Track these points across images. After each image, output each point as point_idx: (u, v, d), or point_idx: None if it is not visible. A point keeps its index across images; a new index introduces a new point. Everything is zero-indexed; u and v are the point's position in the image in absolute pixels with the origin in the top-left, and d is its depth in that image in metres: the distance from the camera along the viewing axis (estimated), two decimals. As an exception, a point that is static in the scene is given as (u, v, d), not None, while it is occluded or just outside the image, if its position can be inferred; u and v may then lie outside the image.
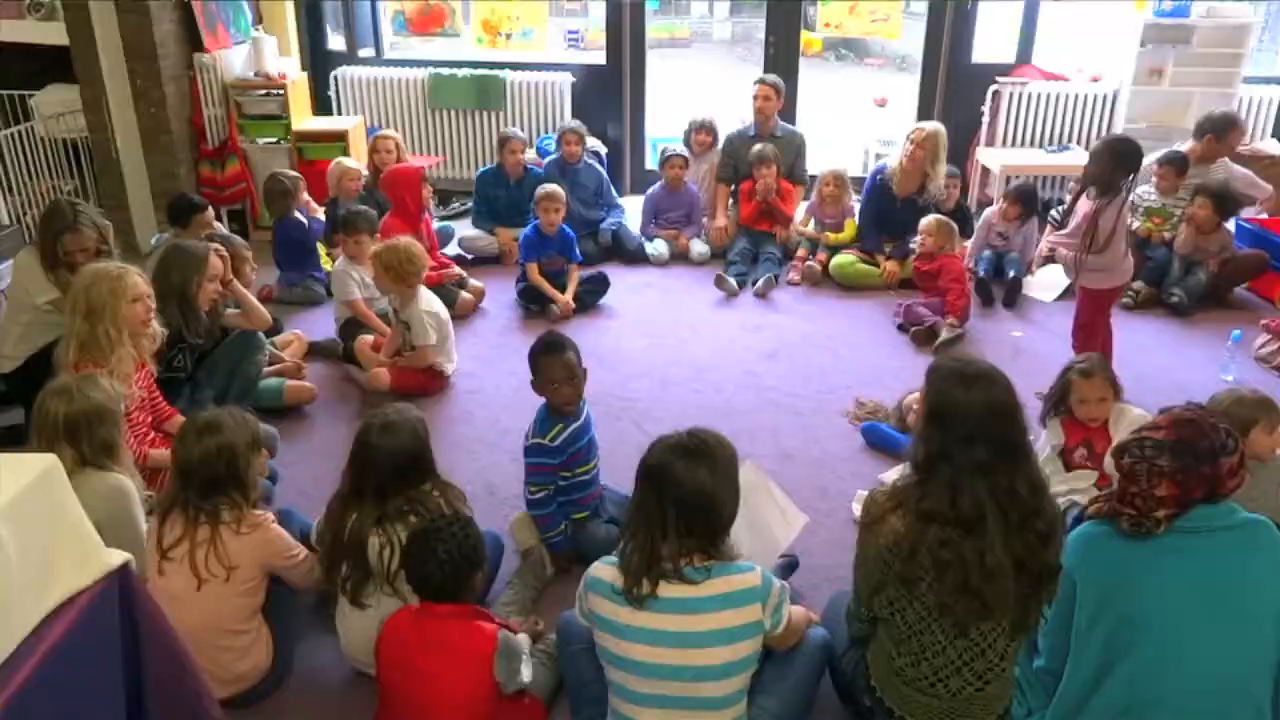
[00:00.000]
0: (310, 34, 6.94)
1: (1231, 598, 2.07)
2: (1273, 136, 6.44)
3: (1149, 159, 5.45)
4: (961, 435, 2.01)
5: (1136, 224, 5.38)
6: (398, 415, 2.56)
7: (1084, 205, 3.83)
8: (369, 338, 4.30)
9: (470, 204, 6.13)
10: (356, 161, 5.85)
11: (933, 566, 2.01)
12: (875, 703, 2.23)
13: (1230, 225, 5.27)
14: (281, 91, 6.16)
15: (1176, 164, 5.32)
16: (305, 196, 5.36)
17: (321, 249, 5.40)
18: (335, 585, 2.51)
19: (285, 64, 6.39)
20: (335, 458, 2.98)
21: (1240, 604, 2.07)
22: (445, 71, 6.81)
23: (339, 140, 6.28)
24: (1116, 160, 3.72)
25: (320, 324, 4.83)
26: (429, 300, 4.17)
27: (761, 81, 5.93)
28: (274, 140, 6.26)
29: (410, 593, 2.34)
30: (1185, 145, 5.50)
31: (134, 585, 1.82)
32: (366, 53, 7.12)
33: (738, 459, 2.15)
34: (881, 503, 2.13)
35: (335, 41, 7.17)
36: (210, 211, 4.58)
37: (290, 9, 6.71)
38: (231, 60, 6.19)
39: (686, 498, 2.01)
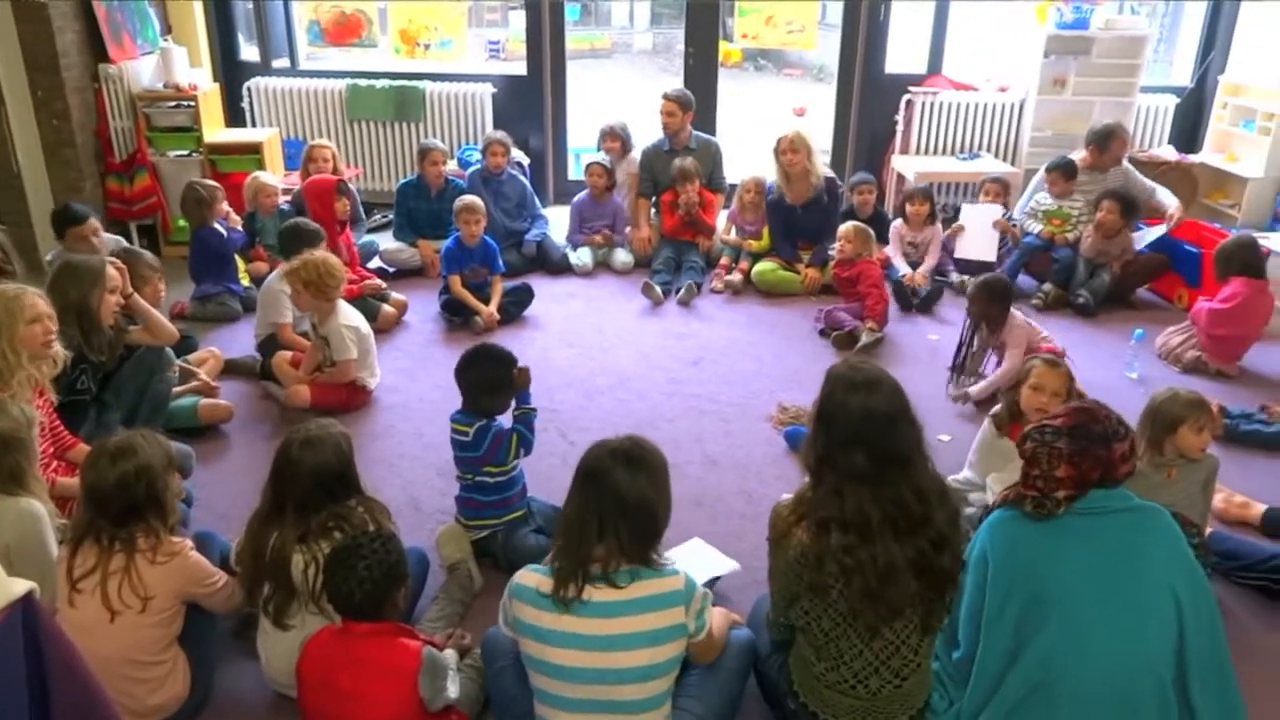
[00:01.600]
0: (222, 44, 6.80)
1: (1130, 576, 2.17)
2: (1169, 143, 6.74)
3: (1043, 166, 5.72)
4: (841, 439, 2.06)
5: (1038, 228, 5.60)
6: (321, 430, 2.52)
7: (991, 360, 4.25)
8: (288, 354, 4.22)
9: (391, 216, 6.06)
10: (273, 176, 5.74)
11: (840, 573, 2.05)
12: (799, 706, 2.26)
13: (1150, 237, 5.51)
14: (192, 103, 6.02)
15: (1064, 169, 5.61)
16: (225, 207, 5.23)
17: (240, 262, 5.28)
18: (257, 607, 2.46)
19: (196, 75, 6.24)
20: (254, 477, 2.92)
21: (1139, 582, 2.18)
22: (363, 82, 6.73)
23: (254, 152, 6.16)
24: (992, 296, 4.14)
25: (237, 340, 4.72)
26: (348, 314, 4.11)
27: (665, 97, 5.96)
28: (185, 153, 6.11)
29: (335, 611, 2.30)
30: (1078, 154, 5.77)
31: (39, 615, 1.75)
32: (281, 63, 7.00)
33: (668, 466, 2.18)
34: (786, 516, 2.17)
35: (248, 52, 7.04)
36: (90, 223, 4.34)
37: (200, 18, 6.56)
38: (139, 71, 6.02)
39: (625, 504, 2.03)
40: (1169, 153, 6.56)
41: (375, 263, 5.73)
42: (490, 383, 3.04)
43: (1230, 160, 6.46)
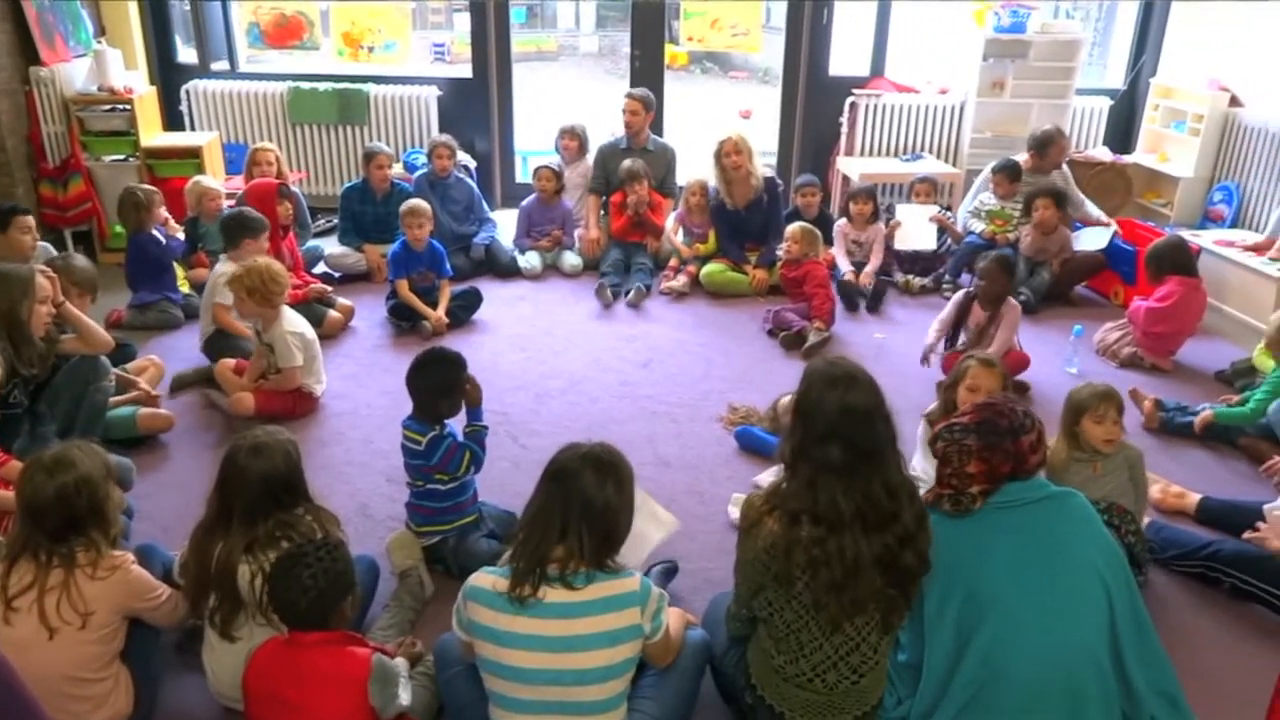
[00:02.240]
0: (158, 46, 6.66)
1: (1058, 563, 2.24)
2: (1104, 144, 6.91)
3: (987, 167, 5.89)
4: (818, 434, 2.08)
5: (981, 227, 5.73)
6: (268, 437, 2.48)
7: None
8: (231, 361, 4.14)
9: (336, 221, 5.98)
10: (215, 180, 5.64)
11: (807, 565, 2.06)
12: (756, 700, 2.27)
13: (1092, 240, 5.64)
14: (128, 106, 5.88)
15: (1009, 171, 5.76)
16: (163, 213, 5.12)
17: (180, 270, 5.17)
18: (202, 619, 2.41)
19: (131, 78, 6.10)
20: (197, 488, 2.85)
21: (1065, 567, 2.25)
22: (305, 85, 6.64)
23: (193, 157, 6.04)
24: (1009, 272, 4.40)
25: (178, 348, 4.63)
26: (293, 320, 4.04)
27: (629, 96, 6.01)
28: (121, 157, 5.96)
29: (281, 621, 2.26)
30: (1020, 156, 5.92)
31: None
32: (220, 66, 6.87)
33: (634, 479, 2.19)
34: (758, 506, 2.18)
35: (186, 54, 6.90)
36: (25, 220, 4.21)
37: (135, 20, 6.42)
38: (72, 74, 5.87)
39: (593, 508, 2.04)
40: (1104, 153, 6.72)
41: (320, 268, 5.65)
42: (443, 386, 3.02)
43: (1162, 160, 6.65)
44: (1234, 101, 6.26)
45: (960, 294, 4.54)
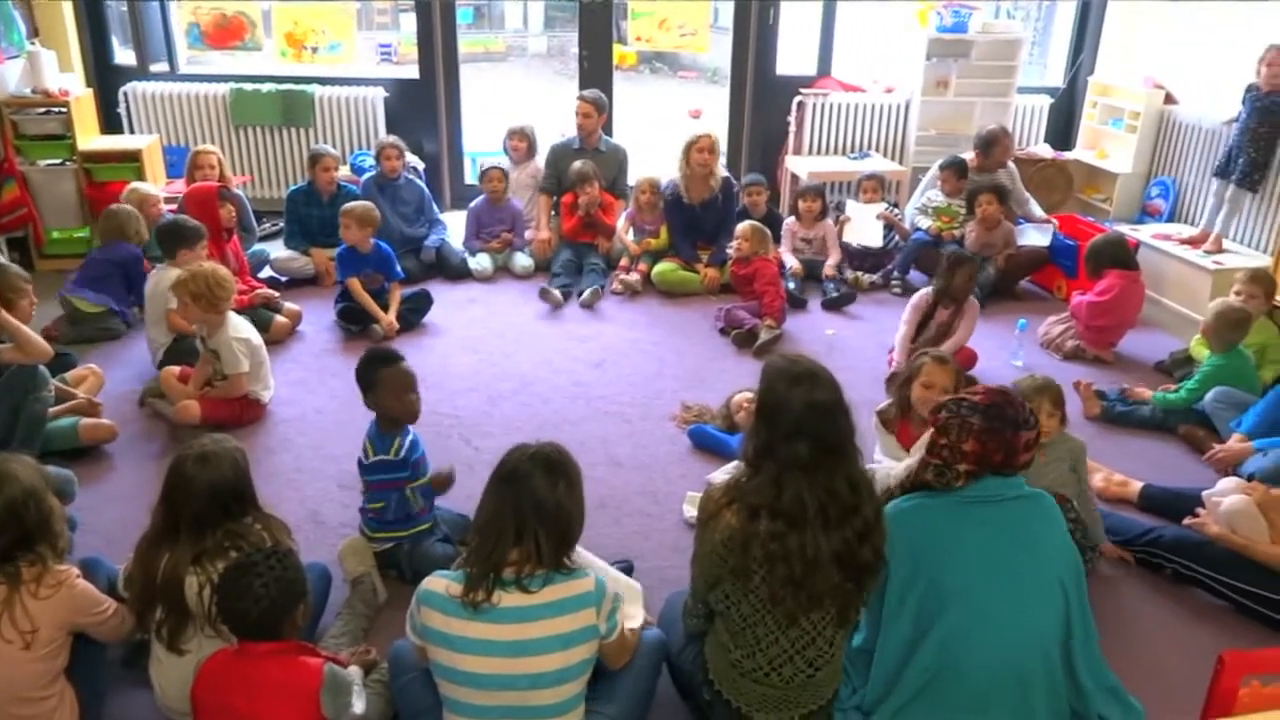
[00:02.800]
0: (94, 47, 6.50)
1: (1023, 562, 2.28)
2: (1045, 141, 7.05)
3: (935, 164, 5.98)
4: (784, 431, 2.09)
5: (928, 224, 5.83)
6: (215, 445, 2.43)
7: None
8: (175, 369, 4.05)
9: (282, 224, 5.89)
10: (154, 186, 5.52)
11: (764, 560, 2.08)
12: (714, 695, 2.29)
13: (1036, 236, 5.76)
14: (64, 109, 5.73)
15: (956, 168, 5.86)
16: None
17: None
18: (149, 632, 2.36)
19: (67, 80, 5.95)
20: (141, 499, 2.81)
21: (1033, 567, 2.29)
22: (248, 87, 6.53)
23: (132, 160, 5.91)
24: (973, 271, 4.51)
25: (118, 357, 4.54)
26: (238, 326, 3.97)
27: (581, 99, 6.01)
28: (58, 162, 5.81)
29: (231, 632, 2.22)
30: (966, 154, 6.03)
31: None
32: (159, 67, 6.72)
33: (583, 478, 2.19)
34: (717, 499, 2.19)
35: (124, 56, 6.73)
36: None
37: (71, 20, 6.26)
38: (4, 76, 5.70)
39: (545, 510, 2.03)
40: (1045, 150, 6.86)
41: (266, 272, 5.56)
42: (363, 382, 2.95)
43: (1101, 157, 6.80)
44: (1169, 99, 6.43)
45: (921, 295, 4.58)
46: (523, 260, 5.87)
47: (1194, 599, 3.04)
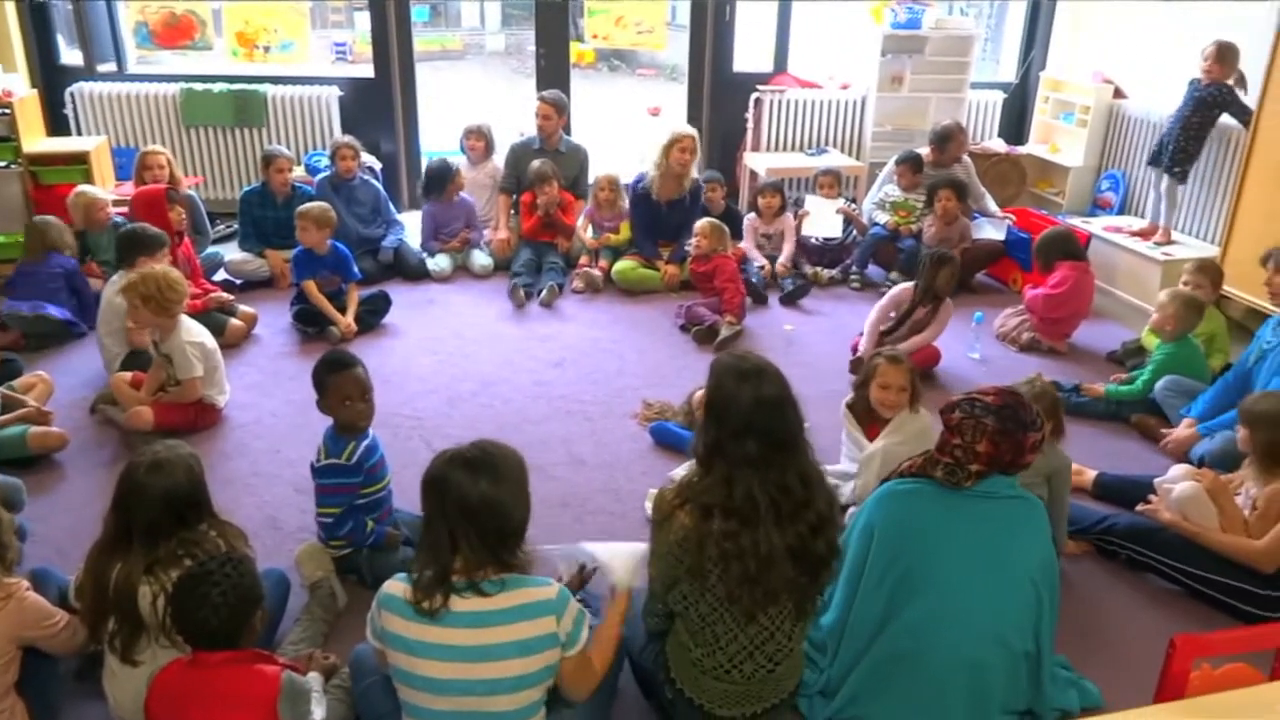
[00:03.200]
0: (39, 47, 6.36)
1: (1006, 559, 2.32)
2: (998, 136, 7.14)
3: (891, 160, 6.04)
4: (734, 428, 2.10)
5: (886, 218, 5.88)
6: (168, 452, 2.39)
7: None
8: (126, 374, 3.98)
9: (236, 226, 5.80)
10: (102, 189, 5.41)
11: (719, 559, 2.08)
12: (676, 694, 2.29)
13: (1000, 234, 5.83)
14: (7, 111, 5.60)
15: (912, 162, 5.94)
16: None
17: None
18: (101, 644, 2.31)
19: (10, 81, 5.81)
20: (93, 508, 2.76)
21: (1010, 565, 2.32)
22: (198, 87, 6.43)
23: (80, 163, 5.79)
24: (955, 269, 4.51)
25: (63, 364, 4.44)
26: (191, 330, 3.90)
27: (541, 100, 5.99)
28: (2, 165, 5.68)
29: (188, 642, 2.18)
30: (923, 149, 6.10)
31: None
32: (107, 68, 6.59)
33: (525, 466, 2.14)
34: (670, 500, 2.19)
35: (70, 56, 6.60)
36: None
37: (14, 20, 6.12)
38: (-56, 77, 5.57)
39: (470, 508, 1.99)
40: (999, 145, 6.95)
41: (221, 275, 5.48)
42: (316, 384, 2.91)
43: (1053, 151, 6.90)
44: (1118, 93, 6.54)
45: (903, 288, 4.60)
46: (481, 259, 5.84)
47: (1148, 584, 3.09)
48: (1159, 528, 3.08)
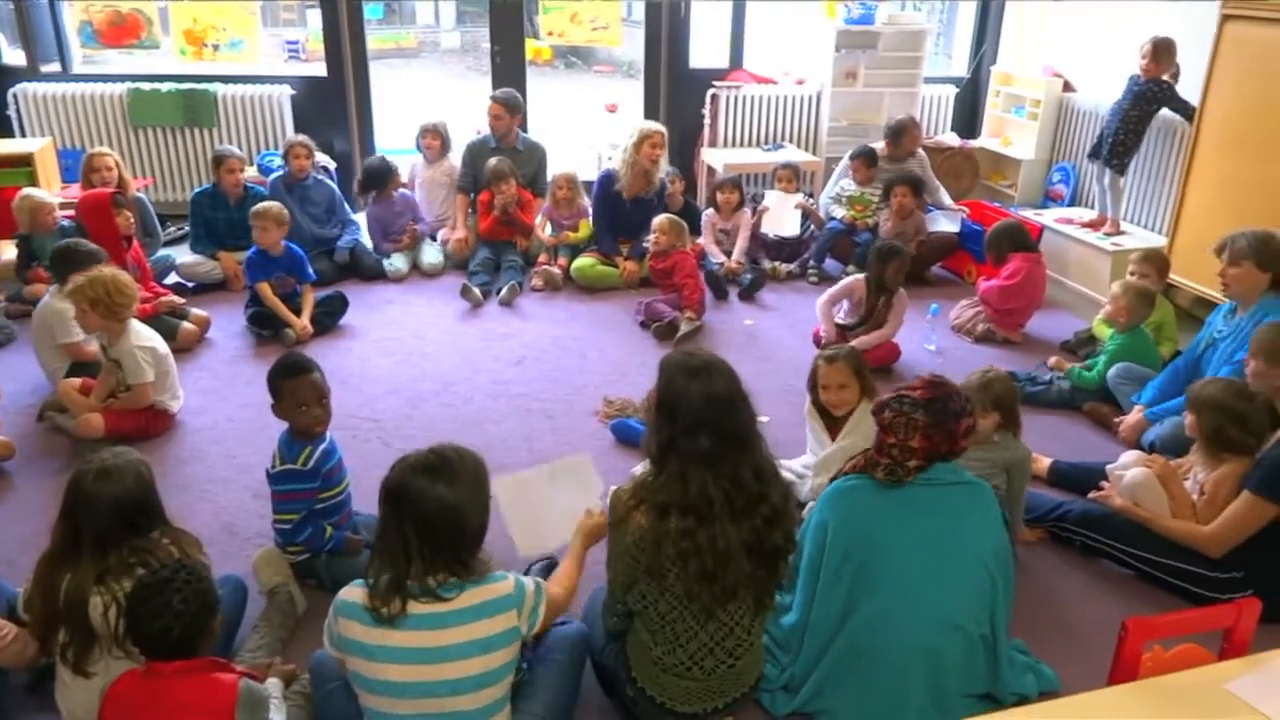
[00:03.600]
0: (-21, 48, 6.21)
1: (956, 545, 2.35)
2: (951, 130, 7.23)
3: (846, 154, 6.09)
4: (686, 425, 2.11)
5: (842, 213, 5.93)
6: (116, 459, 2.34)
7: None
8: (75, 380, 3.89)
9: (187, 228, 5.70)
10: (47, 192, 5.29)
11: (677, 557, 2.09)
12: (637, 692, 2.29)
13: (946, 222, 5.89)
14: (-53, 113, 5.46)
15: (866, 157, 5.99)
16: None
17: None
18: (53, 656, 2.26)
19: (-51, 82, 5.67)
20: (42, 518, 2.70)
21: (963, 551, 2.36)
22: (146, 86, 6.31)
23: (24, 165, 5.67)
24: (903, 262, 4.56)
25: (15, 371, 4.34)
26: (142, 334, 3.83)
27: (492, 99, 5.96)
28: (-57, 168, 5.54)
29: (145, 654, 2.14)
30: (878, 144, 6.15)
31: None
32: (51, 68, 6.46)
33: (486, 471, 2.13)
34: (625, 500, 2.19)
35: (12, 56, 6.45)
36: None
37: (-49, 20, 5.97)
38: (-120, 79, 5.42)
39: (427, 515, 1.97)
40: (952, 139, 7.03)
41: (172, 278, 5.39)
42: (271, 389, 2.88)
43: (1005, 144, 7.00)
44: (1067, 87, 6.65)
45: (855, 279, 4.65)
46: (431, 256, 5.80)
47: (1102, 570, 3.14)
48: (1111, 514, 3.13)
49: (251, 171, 6.00)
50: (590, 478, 2.87)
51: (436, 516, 1.97)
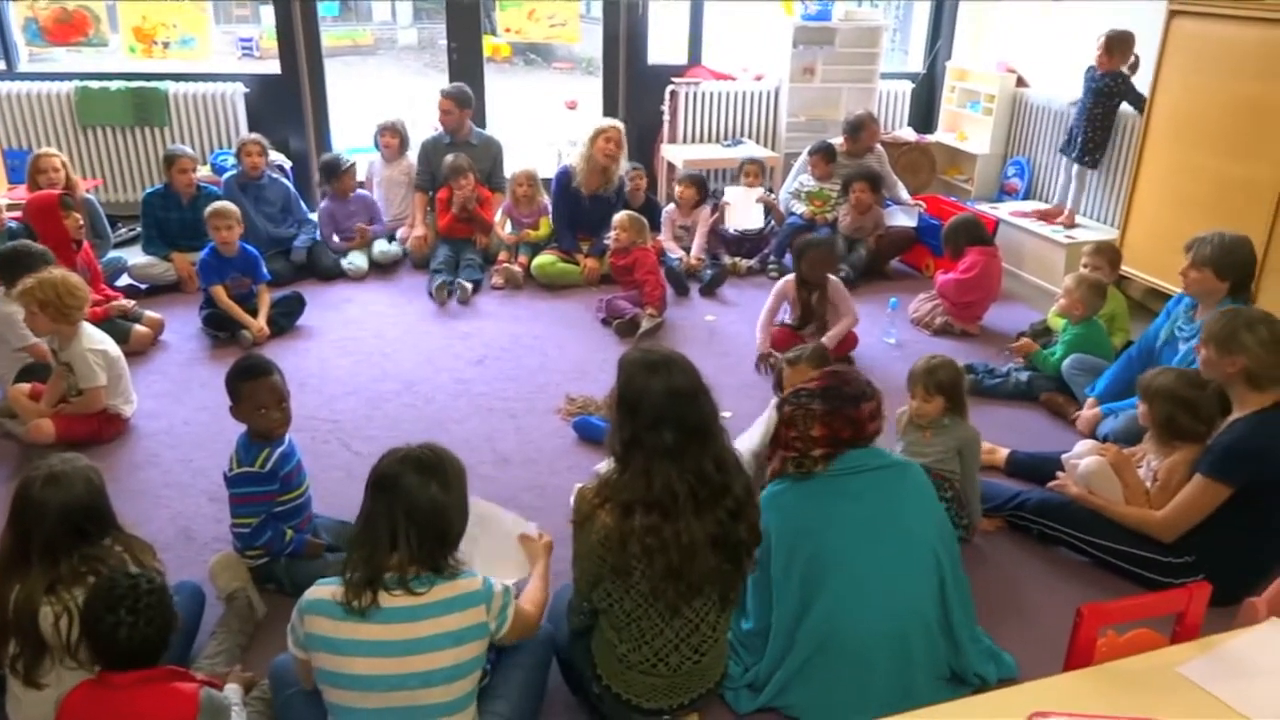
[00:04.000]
0: (-81, 46, 6.05)
1: (896, 528, 2.39)
2: (908, 125, 7.29)
3: (805, 150, 6.13)
4: (648, 421, 2.11)
5: (802, 208, 5.96)
6: (65, 465, 2.29)
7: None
8: (25, 385, 3.81)
9: (139, 229, 5.60)
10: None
11: (642, 554, 2.09)
12: (603, 690, 2.29)
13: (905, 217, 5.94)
14: (-114, 113, 5.31)
15: (825, 152, 6.03)
16: None
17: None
18: (4, 668, 2.21)
19: (-112, 81, 5.52)
20: (-10, 526, 2.62)
21: (904, 533, 2.40)
22: (94, 84, 6.18)
23: (-32, 166, 5.53)
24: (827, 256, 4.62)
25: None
26: (94, 337, 3.76)
27: (442, 94, 5.92)
28: (-118, 169, 5.39)
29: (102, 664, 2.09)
30: (836, 139, 6.18)
31: None
32: (-5, 66, 6.30)
33: (466, 477, 2.13)
34: (590, 499, 2.19)
35: (-47, 54, 6.29)
36: None
37: (-111, 17, 5.81)
38: None
39: (419, 511, 1.98)
40: (909, 134, 7.10)
41: (125, 280, 5.29)
42: (230, 391, 2.84)
43: (961, 139, 7.08)
44: (1020, 82, 6.74)
45: (784, 280, 4.66)
46: (382, 246, 5.74)
47: (1058, 557, 3.19)
48: (1067, 502, 3.18)
49: (205, 171, 5.91)
50: (500, 514, 2.72)
51: (427, 513, 1.98)
